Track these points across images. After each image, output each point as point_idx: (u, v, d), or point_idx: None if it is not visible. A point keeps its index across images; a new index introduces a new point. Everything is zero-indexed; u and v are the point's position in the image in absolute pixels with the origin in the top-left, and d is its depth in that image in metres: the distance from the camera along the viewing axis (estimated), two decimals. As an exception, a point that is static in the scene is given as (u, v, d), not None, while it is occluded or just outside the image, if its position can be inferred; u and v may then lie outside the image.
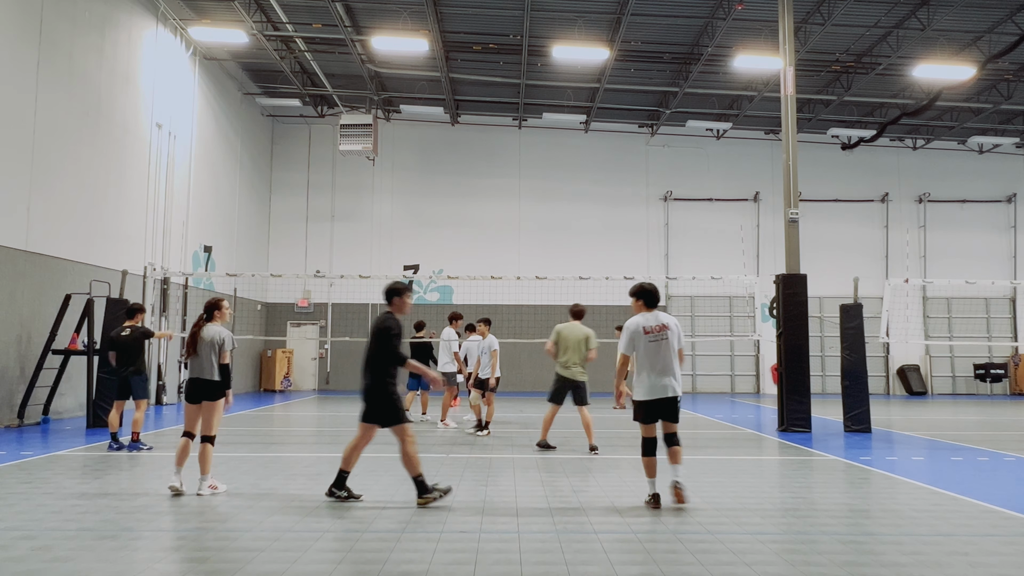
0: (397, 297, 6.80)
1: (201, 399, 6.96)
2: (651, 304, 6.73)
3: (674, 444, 6.60)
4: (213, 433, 6.98)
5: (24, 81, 12.70)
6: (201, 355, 6.95)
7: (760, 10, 17.28)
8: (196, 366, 6.98)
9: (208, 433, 6.95)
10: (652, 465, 6.61)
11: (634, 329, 6.59)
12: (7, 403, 12.34)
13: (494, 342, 12.35)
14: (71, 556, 4.82)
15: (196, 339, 6.97)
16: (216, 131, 20.63)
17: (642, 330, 6.57)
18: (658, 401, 6.53)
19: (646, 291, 6.76)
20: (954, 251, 25.67)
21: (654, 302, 6.73)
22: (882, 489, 7.46)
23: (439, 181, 25.28)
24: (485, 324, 12.71)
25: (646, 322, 6.60)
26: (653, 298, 6.74)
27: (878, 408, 16.91)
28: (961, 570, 4.69)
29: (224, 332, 7.07)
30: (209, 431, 6.95)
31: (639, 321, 6.62)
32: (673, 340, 6.59)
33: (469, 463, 8.78)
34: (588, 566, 4.70)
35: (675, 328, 6.66)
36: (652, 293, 6.74)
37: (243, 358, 22.50)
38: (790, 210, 13.72)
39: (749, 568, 4.69)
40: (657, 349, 6.52)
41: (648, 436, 6.63)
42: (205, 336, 6.98)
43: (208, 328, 7.04)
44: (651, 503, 6.47)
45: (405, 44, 18.14)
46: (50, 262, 13.40)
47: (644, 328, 6.57)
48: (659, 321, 6.60)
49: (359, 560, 4.79)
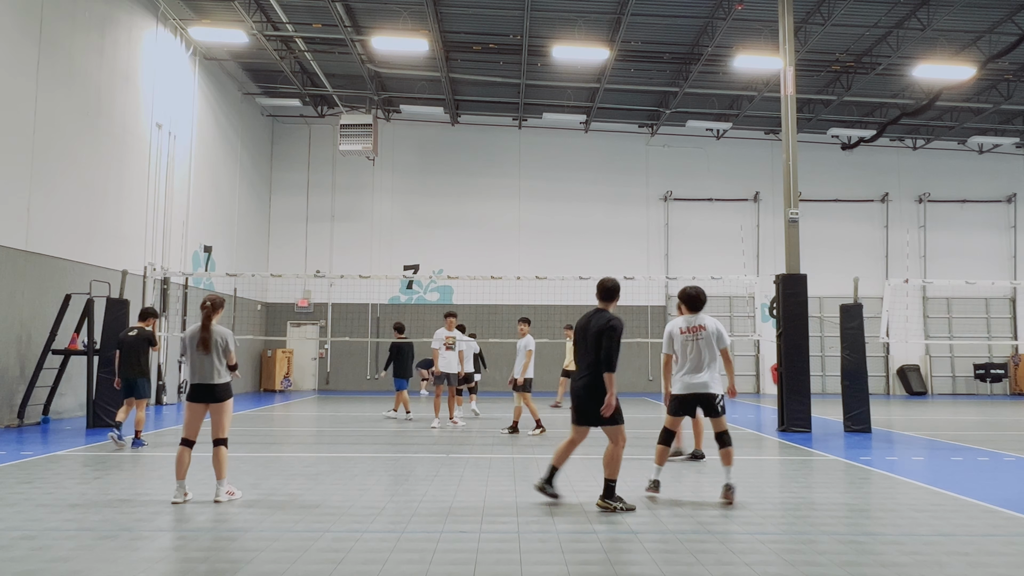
0: (617, 296, 6.67)
1: (208, 401, 6.65)
2: (694, 308, 7.08)
3: (724, 445, 6.81)
4: (226, 435, 6.68)
5: (24, 81, 12.70)
6: (211, 354, 6.66)
7: (760, 10, 17.28)
8: (204, 368, 6.66)
9: (220, 436, 6.65)
10: (663, 454, 6.93)
11: (670, 329, 7.12)
12: (7, 403, 12.34)
13: (530, 342, 12.18)
14: (71, 556, 4.82)
15: (209, 335, 6.70)
16: (216, 131, 20.63)
17: (678, 330, 7.04)
18: (691, 396, 6.88)
19: (687, 295, 7.14)
20: (954, 251, 25.67)
21: (696, 306, 7.09)
22: (882, 489, 7.46)
23: (439, 181, 25.28)
24: (525, 323, 12.54)
25: (684, 323, 7.05)
26: (695, 302, 7.10)
27: (878, 408, 16.91)
28: (961, 570, 4.69)
29: (227, 332, 6.90)
30: (222, 433, 6.65)
31: (677, 323, 7.12)
32: (712, 340, 6.91)
33: (469, 463, 8.77)
34: (588, 566, 4.70)
35: (713, 329, 6.97)
36: (694, 298, 7.11)
37: (243, 358, 22.49)
38: (790, 210, 13.72)
39: (749, 568, 4.69)
40: (690, 348, 6.91)
41: (670, 428, 7.02)
42: (214, 335, 6.73)
43: (216, 327, 6.80)
44: (650, 488, 6.84)
45: (405, 44, 18.14)
46: (50, 262, 13.40)
47: (680, 328, 7.04)
48: (698, 322, 6.98)
49: (359, 560, 4.79)
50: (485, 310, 21.97)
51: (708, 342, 6.89)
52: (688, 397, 6.89)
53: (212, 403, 6.67)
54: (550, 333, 22.65)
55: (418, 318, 23.60)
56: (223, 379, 6.72)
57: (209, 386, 6.66)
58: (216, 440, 6.65)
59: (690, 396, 6.88)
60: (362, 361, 24.46)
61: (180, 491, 6.47)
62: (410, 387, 14.94)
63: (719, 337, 6.94)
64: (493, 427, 13.10)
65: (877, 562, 4.83)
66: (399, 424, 13.41)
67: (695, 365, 6.87)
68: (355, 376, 24.34)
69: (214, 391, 6.66)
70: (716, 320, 7.12)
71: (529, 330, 12.49)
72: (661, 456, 6.92)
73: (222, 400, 6.69)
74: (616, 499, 6.30)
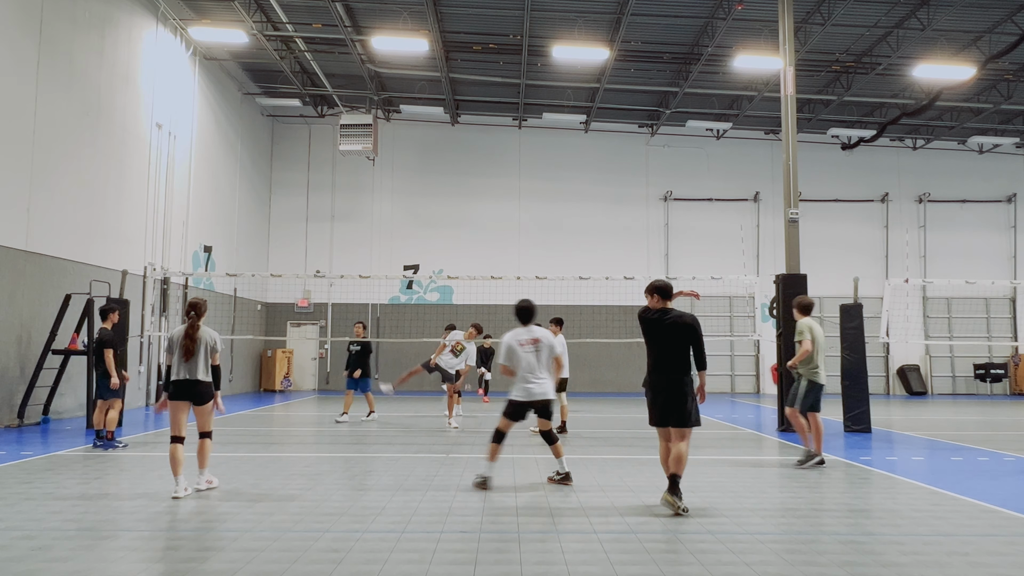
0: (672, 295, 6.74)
1: (190, 399, 6.88)
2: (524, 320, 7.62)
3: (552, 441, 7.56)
4: (210, 429, 7.03)
5: (24, 81, 12.70)
6: (197, 356, 6.89)
7: (760, 10, 17.28)
8: (188, 367, 6.86)
9: (205, 429, 6.98)
10: (495, 452, 7.37)
11: (508, 343, 7.54)
12: (7, 403, 12.34)
13: (562, 342, 12.00)
14: (71, 556, 4.82)
15: (195, 340, 6.89)
16: (216, 131, 20.63)
17: (517, 343, 7.51)
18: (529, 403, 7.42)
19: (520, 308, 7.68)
20: (954, 251, 25.68)
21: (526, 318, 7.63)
22: (882, 489, 7.46)
23: (439, 181, 25.28)
24: (557, 324, 12.33)
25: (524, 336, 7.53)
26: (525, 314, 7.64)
27: (878, 408, 16.91)
28: (961, 570, 4.69)
29: (214, 333, 7.10)
30: (206, 427, 6.99)
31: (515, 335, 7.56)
32: (546, 350, 7.48)
33: (469, 463, 8.77)
34: (588, 566, 4.70)
35: (547, 340, 7.51)
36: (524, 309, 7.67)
37: (243, 358, 22.51)
38: (790, 210, 13.72)
39: (749, 568, 4.69)
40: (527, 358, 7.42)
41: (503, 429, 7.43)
42: (201, 338, 6.94)
43: (203, 329, 7.01)
44: (480, 484, 7.21)
45: (405, 44, 18.14)
46: (50, 262, 13.40)
47: (520, 341, 7.51)
48: (532, 335, 7.50)
49: (359, 560, 4.79)
50: (485, 310, 21.94)
51: (544, 352, 7.45)
52: (527, 404, 7.39)
53: (194, 401, 6.93)
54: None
55: (418, 318, 23.63)
56: (206, 377, 6.95)
57: (193, 383, 6.88)
58: (202, 433, 6.98)
59: (529, 403, 7.39)
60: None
61: (180, 486, 6.65)
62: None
63: (551, 347, 7.51)
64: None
65: (877, 562, 4.83)
66: (403, 424, 13.39)
67: (534, 373, 7.39)
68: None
69: (197, 388, 6.90)
70: (547, 331, 7.68)
71: (561, 331, 12.24)
72: (493, 453, 7.32)
73: (204, 400, 6.96)
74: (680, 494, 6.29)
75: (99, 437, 9.78)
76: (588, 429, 12.83)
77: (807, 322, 8.91)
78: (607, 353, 23.97)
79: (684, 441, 6.39)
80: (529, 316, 7.64)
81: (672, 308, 6.64)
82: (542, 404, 7.44)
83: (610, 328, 23.44)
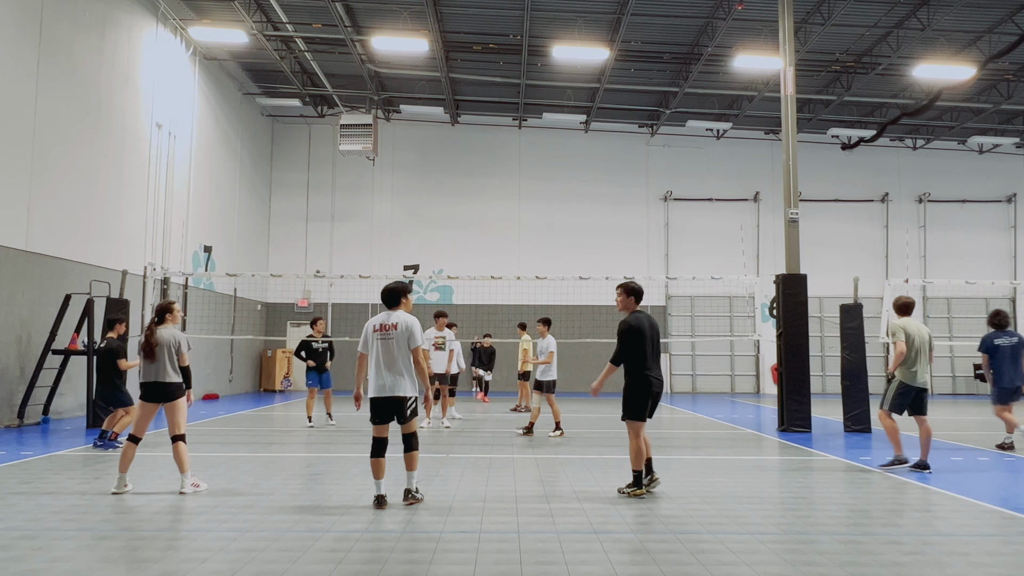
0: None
1: (160, 400, 6.97)
2: (389, 304, 6.59)
3: (411, 448, 6.48)
4: (182, 432, 7.00)
5: (24, 81, 12.70)
6: (159, 359, 6.95)
7: (760, 10, 17.28)
8: (153, 370, 6.95)
9: (177, 432, 6.96)
10: (378, 467, 6.40)
11: (366, 328, 6.54)
12: (7, 403, 12.34)
13: (551, 342, 11.98)
14: (71, 556, 4.82)
15: (152, 344, 6.95)
16: (216, 131, 20.63)
17: (371, 328, 6.48)
18: (384, 400, 6.38)
19: (385, 290, 6.67)
20: (954, 251, 25.67)
21: (391, 302, 6.60)
22: (882, 489, 7.46)
23: (439, 181, 25.29)
24: (544, 324, 12.27)
25: (379, 321, 6.49)
26: (390, 296, 6.62)
27: (878, 408, 16.88)
28: (961, 570, 4.69)
29: (179, 334, 7.14)
30: (178, 430, 6.97)
31: (373, 321, 6.53)
32: (403, 340, 6.39)
33: (469, 463, 8.77)
34: (588, 566, 4.70)
35: (404, 328, 6.41)
36: (391, 291, 6.64)
37: (243, 358, 22.52)
38: (790, 210, 13.72)
39: (749, 568, 4.69)
40: (384, 347, 6.39)
41: (378, 436, 6.44)
42: (161, 340, 6.99)
43: (162, 331, 7.04)
44: (376, 504, 6.31)
45: (405, 44, 18.13)
46: (50, 262, 13.40)
47: (374, 327, 6.47)
48: (392, 320, 6.46)
49: (359, 560, 4.79)
50: (485, 310, 21.96)
51: (399, 341, 6.38)
52: (381, 400, 6.37)
53: (164, 402, 6.99)
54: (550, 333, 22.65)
55: (418, 318, 23.57)
56: (175, 379, 6.99)
57: (161, 384, 6.95)
58: (174, 437, 6.98)
59: (383, 400, 6.36)
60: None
61: (121, 483, 6.80)
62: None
63: (410, 336, 6.40)
64: (499, 427, 13.09)
65: (877, 562, 4.83)
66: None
67: (386, 366, 6.35)
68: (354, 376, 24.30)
69: (166, 390, 6.97)
70: (412, 318, 6.57)
71: (549, 331, 12.31)
72: (378, 470, 6.35)
73: (174, 398, 7.00)
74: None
75: (101, 437, 9.79)
76: (588, 429, 12.83)
77: (901, 322, 8.56)
78: (607, 353, 23.82)
79: None
80: (394, 299, 6.65)
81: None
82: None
83: (610, 328, 23.39)
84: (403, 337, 6.40)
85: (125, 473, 6.83)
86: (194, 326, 18.50)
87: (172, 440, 6.95)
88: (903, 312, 8.73)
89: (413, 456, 6.48)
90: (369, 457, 6.43)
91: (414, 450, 6.50)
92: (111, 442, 9.71)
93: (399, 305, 6.61)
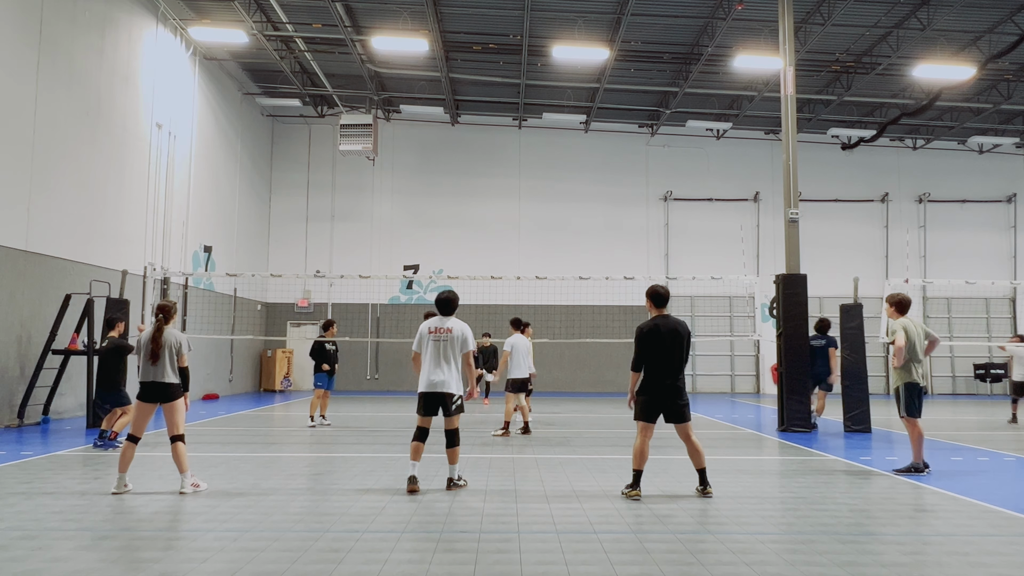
0: None
1: (159, 400, 6.98)
2: (444, 311, 7.27)
3: (453, 444, 7.17)
4: (181, 432, 7.02)
5: (24, 81, 12.70)
6: (161, 359, 6.97)
7: (760, 10, 17.28)
8: (155, 370, 6.96)
9: (176, 432, 6.99)
10: (417, 451, 7.12)
11: (420, 330, 7.29)
12: (7, 403, 12.34)
13: (513, 342, 12.03)
14: (71, 556, 4.82)
15: (159, 344, 6.97)
16: (216, 131, 20.63)
17: (427, 330, 7.22)
18: (432, 395, 7.08)
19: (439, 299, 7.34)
20: (954, 251, 25.67)
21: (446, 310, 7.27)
22: (882, 489, 7.46)
23: (439, 181, 25.28)
24: (512, 325, 12.34)
25: (434, 324, 7.24)
26: (446, 305, 7.29)
27: (878, 408, 16.90)
28: (961, 570, 4.69)
29: (181, 335, 7.16)
30: (177, 430, 6.99)
31: (428, 323, 7.29)
32: (456, 343, 7.13)
33: (469, 463, 8.77)
34: (588, 566, 4.70)
35: (459, 333, 7.16)
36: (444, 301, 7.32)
37: (243, 358, 22.52)
38: (790, 210, 13.72)
39: (749, 568, 4.69)
40: (436, 348, 7.13)
41: (422, 425, 7.16)
42: (166, 340, 7.01)
43: (168, 332, 7.06)
44: (408, 484, 6.94)
45: (405, 44, 18.13)
46: (50, 262, 13.40)
47: (429, 329, 7.23)
48: (447, 324, 7.19)
49: (359, 560, 4.79)
50: (485, 310, 21.95)
51: (452, 344, 7.11)
52: (429, 395, 7.06)
53: (163, 402, 7.01)
54: (550, 333, 22.68)
55: (418, 318, 23.53)
56: (173, 379, 7.02)
57: (160, 385, 6.97)
58: (173, 437, 7.00)
59: (431, 395, 7.05)
60: (362, 361, 24.44)
61: (121, 483, 6.81)
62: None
63: (464, 341, 7.15)
64: (499, 427, 13.09)
65: (877, 562, 4.83)
66: (403, 424, 13.37)
67: (437, 365, 7.08)
68: (355, 376, 24.33)
69: (166, 390, 6.98)
70: (465, 324, 7.30)
71: (518, 332, 12.28)
72: (416, 452, 7.08)
73: (173, 399, 7.01)
74: None
75: (101, 437, 9.80)
76: (588, 429, 12.83)
77: (901, 321, 8.45)
78: (607, 353, 23.97)
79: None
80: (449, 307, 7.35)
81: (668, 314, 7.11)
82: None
83: (610, 328, 23.44)
84: (457, 341, 7.15)
85: (125, 473, 6.84)
86: (194, 326, 18.51)
87: (171, 440, 6.97)
88: (901, 310, 8.65)
89: (455, 451, 7.17)
90: (411, 441, 7.14)
91: (455, 446, 7.17)
92: (111, 442, 9.71)
93: (453, 312, 7.34)
